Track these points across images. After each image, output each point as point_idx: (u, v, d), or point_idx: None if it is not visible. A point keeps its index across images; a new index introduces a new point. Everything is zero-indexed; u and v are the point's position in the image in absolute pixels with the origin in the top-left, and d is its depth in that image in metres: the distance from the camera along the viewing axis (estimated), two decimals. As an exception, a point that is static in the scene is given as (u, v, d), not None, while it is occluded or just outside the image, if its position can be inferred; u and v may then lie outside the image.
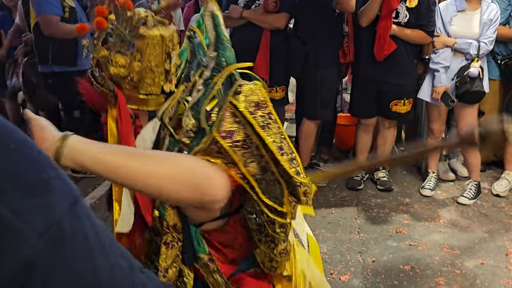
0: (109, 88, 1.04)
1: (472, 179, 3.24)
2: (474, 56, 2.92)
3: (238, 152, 0.84)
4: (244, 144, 0.85)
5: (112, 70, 1.01)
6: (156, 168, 0.81)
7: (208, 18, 0.99)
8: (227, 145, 0.84)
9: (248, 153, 0.85)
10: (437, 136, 3.28)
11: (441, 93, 2.97)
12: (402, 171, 3.73)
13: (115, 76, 1.02)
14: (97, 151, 0.79)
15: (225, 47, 0.98)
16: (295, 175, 0.88)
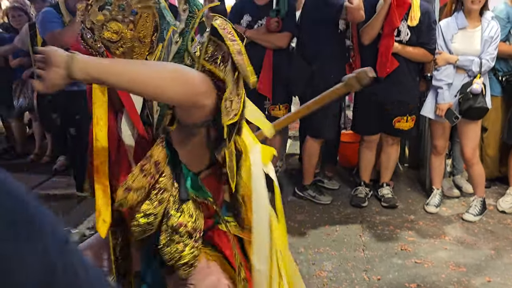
0: (98, 51, 1.11)
1: (477, 196, 3.23)
2: (477, 73, 2.94)
3: (221, 67, 1.03)
4: (223, 59, 1.04)
5: (106, 34, 1.09)
6: (153, 70, 0.99)
7: None
8: (212, 67, 1.03)
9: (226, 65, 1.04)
10: (441, 153, 3.28)
11: (445, 110, 2.98)
12: (406, 188, 3.72)
13: (107, 40, 1.10)
14: (104, 62, 0.98)
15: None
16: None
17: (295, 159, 4.36)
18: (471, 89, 2.91)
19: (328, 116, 3.27)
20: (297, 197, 3.52)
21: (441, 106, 3.00)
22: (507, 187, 3.44)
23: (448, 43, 3.02)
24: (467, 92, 2.93)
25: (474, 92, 2.91)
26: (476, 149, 3.17)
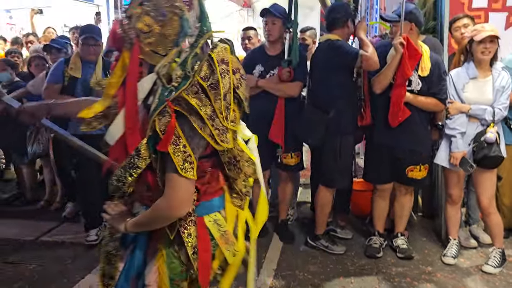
0: (129, 36, 1.31)
1: (496, 246, 3.13)
2: (490, 122, 2.94)
3: (211, 92, 1.24)
4: (214, 86, 1.25)
5: (139, 25, 1.29)
6: (147, 223, 1.37)
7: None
8: (205, 85, 1.24)
9: (217, 93, 1.25)
10: (457, 202, 3.22)
11: (459, 159, 2.96)
12: (421, 238, 3.63)
13: (139, 30, 1.29)
14: (136, 222, 1.39)
15: (206, 19, 1.35)
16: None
17: (307, 207, 4.30)
18: (485, 138, 2.91)
19: (341, 165, 3.26)
20: (309, 247, 3.44)
21: (455, 155, 2.98)
22: (526, 238, 3.35)
23: (460, 93, 3.05)
24: (481, 141, 2.92)
25: (489, 141, 2.90)
26: (493, 198, 3.11)
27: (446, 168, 3.16)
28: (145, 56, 1.33)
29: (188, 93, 1.22)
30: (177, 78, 1.26)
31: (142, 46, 1.31)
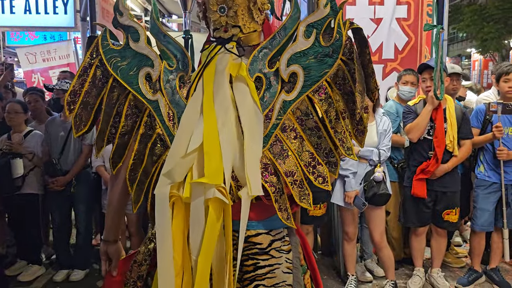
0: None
1: (388, 279, 3.34)
2: (377, 162, 3.20)
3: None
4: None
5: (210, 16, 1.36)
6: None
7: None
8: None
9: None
10: (353, 239, 3.40)
11: (353, 197, 3.15)
12: (323, 276, 3.73)
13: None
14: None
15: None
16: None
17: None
18: (374, 177, 3.15)
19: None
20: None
21: (349, 194, 3.17)
22: (413, 268, 3.63)
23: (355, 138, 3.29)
24: (370, 180, 3.16)
25: (377, 179, 3.14)
26: (383, 233, 3.34)
27: (342, 207, 3.34)
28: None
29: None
30: (288, 73, 1.32)
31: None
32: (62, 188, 3.66)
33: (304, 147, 1.34)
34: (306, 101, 1.33)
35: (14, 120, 3.76)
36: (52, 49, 6.55)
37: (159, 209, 1.24)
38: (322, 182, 1.34)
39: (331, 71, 1.31)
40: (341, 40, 1.30)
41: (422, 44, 4.60)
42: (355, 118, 1.35)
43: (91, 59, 1.38)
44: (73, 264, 3.81)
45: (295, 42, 1.32)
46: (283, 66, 1.31)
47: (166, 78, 1.35)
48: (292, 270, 1.39)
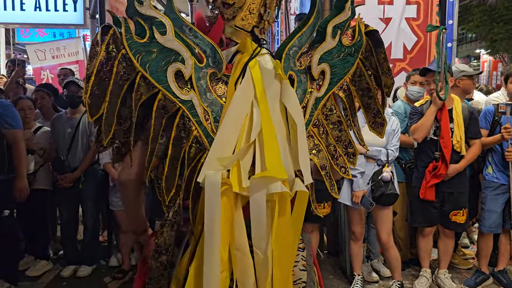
0: (214, 16, 1.38)
1: (395, 279, 3.34)
2: (385, 162, 3.19)
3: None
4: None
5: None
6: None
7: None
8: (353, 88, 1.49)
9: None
10: (359, 238, 3.40)
11: (360, 197, 3.15)
12: (328, 276, 3.73)
13: (223, 4, 1.36)
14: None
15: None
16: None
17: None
18: (381, 177, 3.14)
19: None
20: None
21: (357, 194, 3.16)
22: (419, 269, 3.62)
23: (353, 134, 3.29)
24: (378, 179, 3.15)
25: (385, 179, 3.13)
26: (390, 233, 3.33)
27: (349, 207, 3.33)
28: (230, 34, 1.37)
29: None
30: (319, 71, 1.39)
31: (225, 24, 1.36)
32: (71, 184, 3.69)
33: (328, 140, 1.46)
34: (331, 97, 1.43)
35: (29, 116, 3.80)
36: (62, 46, 6.59)
37: (209, 197, 1.18)
38: (344, 172, 1.49)
39: (353, 69, 1.43)
40: (362, 40, 1.43)
41: (431, 44, 4.57)
42: (371, 111, 1.53)
43: (108, 53, 1.20)
44: (80, 260, 3.84)
45: (324, 41, 1.40)
46: (315, 64, 1.39)
47: (197, 75, 1.25)
48: (306, 268, 1.40)
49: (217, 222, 1.18)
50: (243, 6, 1.36)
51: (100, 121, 1.24)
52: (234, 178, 1.21)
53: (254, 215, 1.20)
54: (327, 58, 1.40)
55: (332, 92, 1.43)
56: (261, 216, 1.20)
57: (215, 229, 1.18)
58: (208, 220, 1.18)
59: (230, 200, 1.20)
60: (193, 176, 1.26)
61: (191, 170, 1.26)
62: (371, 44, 1.47)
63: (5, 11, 5.79)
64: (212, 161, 1.20)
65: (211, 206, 1.18)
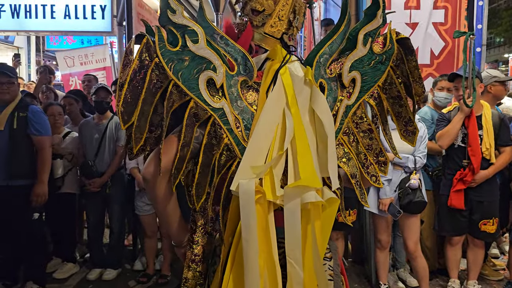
0: (243, 24, 1.39)
1: (422, 289, 3.26)
2: (412, 169, 3.13)
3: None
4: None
5: (252, 4, 1.36)
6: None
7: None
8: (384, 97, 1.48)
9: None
10: (386, 247, 3.34)
11: (387, 205, 3.09)
12: (353, 284, 3.67)
13: (252, 11, 1.37)
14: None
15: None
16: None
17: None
18: (409, 184, 3.08)
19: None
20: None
21: (384, 201, 3.11)
22: (447, 279, 3.53)
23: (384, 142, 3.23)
24: (406, 187, 3.09)
25: (412, 187, 3.07)
26: (418, 242, 3.26)
27: (375, 214, 3.27)
28: (259, 41, 1.38)
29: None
30: (350, 79, 1.38)
31: (254, 31, 1.37)
32: (98, 189, 3.76)
33: (359, 149, 1.43)
34: (361, 105, 1.41)
35: (58, 122, 3.90)
36: (90, 53, 6.74)
37: (244, 206, 1.18)
38: (375, 181, 1.47)
39: (383, 77, 1.41)
40: (393, 48, 1.42)
41: (459, 49, 4.47)
42: (402, 119, 1.50)
43: (141, 61, 1.21)
44: (105, 263, 3.89)
45: (356, 49, 1.38)
46: (346, 72, 1.38)
47: (228, 83, 1.25)
48: (333, 278, 1.38)
49: (254, 231, 1.17)
50: (272, 12, 1.36)
51: (131, 129, 1.24)
52: (268, 187, 1.21)
53: (289, 224, 1.20)
54: (358, 66, 1.39)
55: (362, 100, 1.41)
56: (296, 226, 1.19)
57: (252, 238, 1.17)
58: (245, 229, 1.18)
59: (264, 209, 1.20)
60: (223, 184, 1.26)
61: (221, 178, 1.26)
62: (403, 52, 1.45)
63: (36, 19, 5.98)
64: (245, 169, 1.20)
65: (246, 215, 1.18)
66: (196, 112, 1.25)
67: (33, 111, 3.35)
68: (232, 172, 1.24)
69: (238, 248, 1.22)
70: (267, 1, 1.36)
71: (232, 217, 1.26)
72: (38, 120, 3.34)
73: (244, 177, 1.20)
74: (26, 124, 3.29)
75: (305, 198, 1.19)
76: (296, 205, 1.19)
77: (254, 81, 1.30)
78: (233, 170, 1.24)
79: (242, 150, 1.24)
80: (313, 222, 1.23)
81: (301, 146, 1.25)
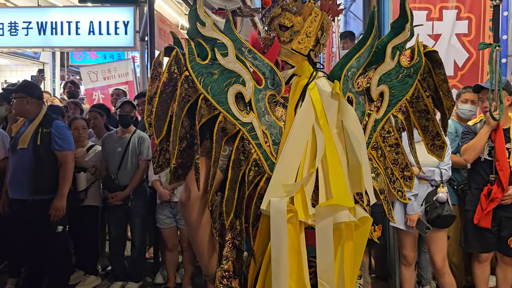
0: (270, 39, 1.38)
1: (450, 308, 3.16)
2: (439, 182, 3.07)
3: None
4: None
5: (281, 20, 1.37)
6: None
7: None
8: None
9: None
10: (411, 263, 3.25)
11: (415, 220, 3.02)
12: (378, 300, 3.59)
13: (280, 26, 1.37)
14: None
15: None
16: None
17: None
18: (437, 198, 3.01)
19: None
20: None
21: (412, 217, 3.03)
22: (475, 297, 3.41)
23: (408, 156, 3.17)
24: (433, 200, 3.02)
25: (441, 200, 3.00)
26: (446, 257, 3.17)
27: (401, 230, 3.19)
28: (286, 56, 1.38)
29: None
30: (378, 93, 1.37)
31: (281, 46, 1.37)
32: (120, 202, 3.79)
33: (386, 163, 1.41)
34: (389, 119, 1.40)
35: (82, 136, 3.96)
36: (113, 68, 6.87)
37: (275, 225, 1.15)
38: (401, 196, 1.45)
39: (411, 90, 1.39)
40: (421, 62, 1.39)
41: (484, 61, 4.40)
42: (429, 133, 1.48)
43: (170, 74, 1.20)
44: (127, 276, 3.90)
45: (384, 63, 1.37)
46: (374, 86, 1.36)
47: (256, 97, 1.24)
48: None
49: (285, 252, 1.14)
50: (301, 29, 1.36)
51: (163, 143, 1.24)
52: (299, 205, 1.18)
53: (321, 245, 1.16)
54: (386, 80, 1.37)
55: (390, 114, 1.39)
56: (329, 246, 1.16)
57: (283, 259, 1.14)
58: (275, 250, 1.15)
59: (295, 228, 1.17)
60: (251, 200, 1.24)
61: (249, 194, 1.24)
62: (430, 65, 1.43)
63: (62, 36, 6.15)
64: (275, 187, 1.17)
65: (277, 235, 1.15)
66: (224, 127, 1.24)
67: (56, 126, 3.41)
68: (261, 188, 1.22)
69: (268, 268, 1.19)
70: (296, 17, 1.36)
71: (262, 236, 1.23)
72: (61, 136, 3.40)
73: (275, 195, 1.17)
74: (50, 140, 3.36)
75: (337, 218, 1.16)
76: (329, 224, 1.16)
77: (282, 95, 1.29)
78: (261, 186, 1.22)
79: (271, 165, 1.22)
80: (346, 242, 1.20)
81: (332, 163, 1.22)
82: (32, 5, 7.27)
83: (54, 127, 3.38)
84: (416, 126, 1.49)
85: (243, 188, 1.24)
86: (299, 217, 1.17)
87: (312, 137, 1.25)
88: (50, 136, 3.35)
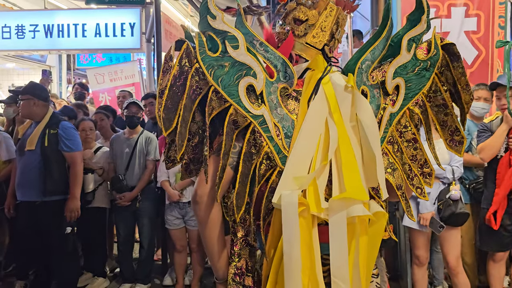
0: (284, 33, 1.38)
1: (464, 308, 3.10)
2: (451, 180, 3.02)
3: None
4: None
5: (296, 14, 1.36)
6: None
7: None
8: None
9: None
10: (424, 263, 3.20)
11: (429, 219, 2.97)
12: (389, 302, 3.53)
13: (295, 20, 1.36)
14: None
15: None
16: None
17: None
18: (450, 196, 2.97)
19: None
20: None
21: (425, 216, 2.99)
22: (489, 297, 3.35)
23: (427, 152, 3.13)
24: (446, 198, 2.98)
25: (454, 198, 2.96)
26: (459, 256, 3.12)
27: (414, 229, 3.14)
28: (300, 51, 1.36)
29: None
30: (393, 86, 1.33)
31: (296, 40, 1.36)
32: (128, 203, 3.77)
33: (403, 159, 1.36)
34: (406, 113, 1.35)
35: (90, 137, 3.95)
36: (119, 70, 6.88)
37: (286, 219, 1.12)
38: (420, 193, 1.40)
39: (428, 84, 1.35)
40: (438, 55, 1.36)
41: (493, 58, 4.34)
42: (448, 129, 1.43)
43: (181, 67, 1.19)
44: (135, 278, 3.87)
45: (399, 55, 1.34)
46: (389, 79, 1.32)
47: (268, 90, 1.22)
48: None
49: (297, 246, 1.11)
50: (315, 23, 1.35)
51: (172, 136, 1.22)
52: (311, 199, 1.15)
53: (334, 239, 1.13)
54: (402, 72, 1.34)
55: (406, 107, 1.36)
56: (342, 241, 1.13)
57: (295, 254, 1.11)
58: (287, 244, 1.12)
59: (307, 222, 1.14)
60: (262, 195, 1.22)
61: (260, 188, 1.22)
62: (448, 58, 1.39)
63: (68, 38, 6.17)
64: (287, 180, 1.15)
65: (289, 229, 1.12)
66: (235, 119, 1.22)
67: (63, 127, 3.39)
68: (272, 182, 1.20)
69: (281, 264, 1.16)
70: (311, 11, 1.34)
71: (274, 231, 1.20)
72: (69, 136, 3.38)
73: (286, 189, 1.14)
74: (57, 141, 3.34)
75: (351, 212, 1.13)
76: (342, 218, 1.13)
77: (294, 89, 1.26)
78: (273, 179, 1.20)
79: (283, 159, 1.19)
80: (360, 237, 1.16)
81: (346, 156, 1.19)
82: (38, 8, 7.30)
83: (61, 128, 3.37)
84: (434, 121, 1.45)
85: (254, 182, 1.22)
86: (311, 210, 1.14)
87: (325, 130, 1.22)
88: (58, 137, 3.33)
